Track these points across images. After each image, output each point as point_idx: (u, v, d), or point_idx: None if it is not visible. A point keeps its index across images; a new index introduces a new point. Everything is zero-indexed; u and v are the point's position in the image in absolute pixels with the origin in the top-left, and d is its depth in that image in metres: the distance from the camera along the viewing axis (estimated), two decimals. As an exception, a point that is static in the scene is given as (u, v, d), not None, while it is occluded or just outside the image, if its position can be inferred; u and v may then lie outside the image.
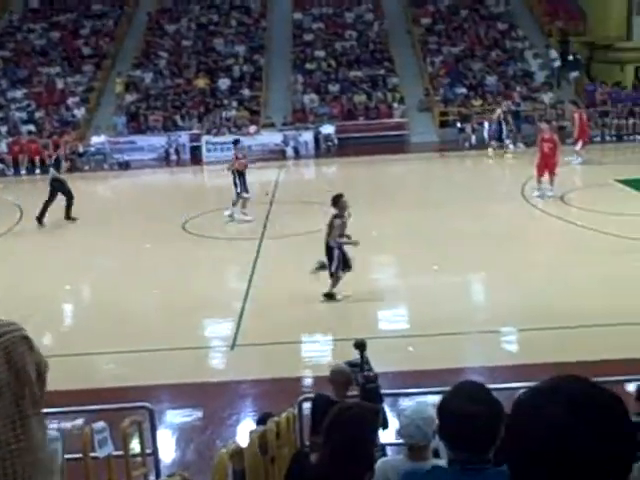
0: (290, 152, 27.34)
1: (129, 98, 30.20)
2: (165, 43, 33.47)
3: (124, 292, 12.64)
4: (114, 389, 8.63)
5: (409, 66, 31.84)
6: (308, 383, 8.82)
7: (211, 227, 17.05)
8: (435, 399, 3.64)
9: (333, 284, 11.44)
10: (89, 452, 5.37)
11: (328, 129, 28.09)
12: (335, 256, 11.29)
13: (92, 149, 27.25)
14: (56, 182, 18.14)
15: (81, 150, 27.13)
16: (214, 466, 4.25)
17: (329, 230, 11.35)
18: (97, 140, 27.44)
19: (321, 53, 32.48)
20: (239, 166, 17.34)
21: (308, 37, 33.56)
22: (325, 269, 11.42)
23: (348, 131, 28.52)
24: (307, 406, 6.27)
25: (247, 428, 6.69)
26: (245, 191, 17.34)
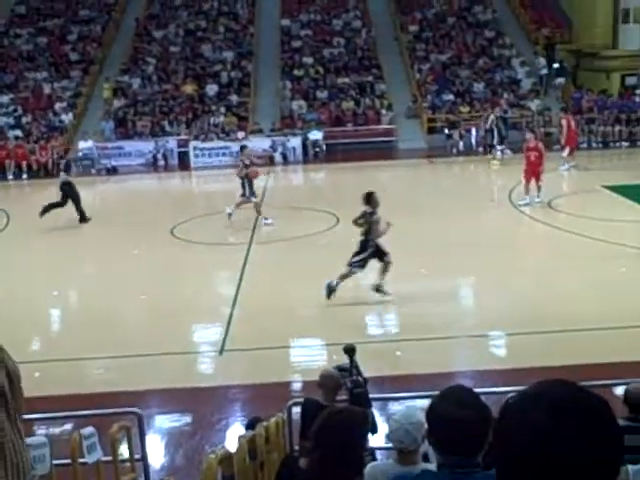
0: (278, 158, 27.37)
1: (117, 103, 30.15)
2: (153, 49, 33.44)
3: (112, 297, 12.59)
4: (103, 394, 8.59)
5: (397, 73, 31.95)
6: (297, 388, 8.82)
7: (199, 232, 17.02)
8: (424, 403, 3.66)
9: (345, 275, 11.44)
10: (78, 458, 5.36)
11: (316, 135, 28.15)
12: (367, 250, 11.30)
13: (79, 154, 27.18)
14: (66, 185, 18.40)
15: (68, 155, 27.10)
16: (203, 471, 4.25)
17: (368, 226, 11.35)
18: (84, 145, 27.37)
19: (309, 60, 32.54)
20: (252, 174, 17.09)
21: (296, 44, 33.63)
22: (333, 290, 11.41)
23: (336, 137, 28.58)
24: (296, 411, 6.27)
25: (236, 433, 6.68)
26: (253, 195, 17.20)
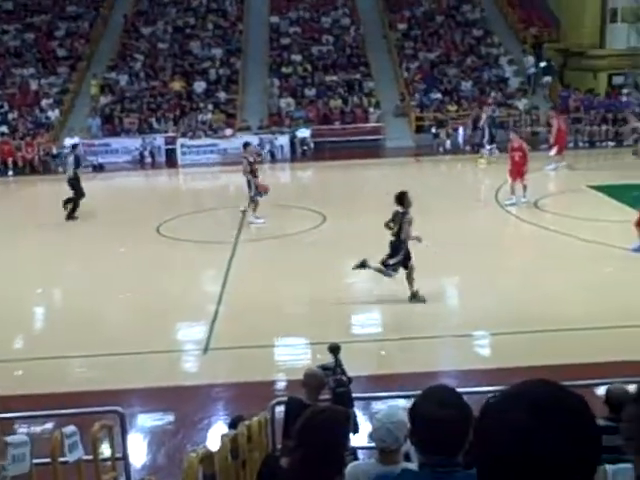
0: (266, 156, 27.32)
1: (104, 100, 30.01)
2: (141, 45, 33.31)
3: (96, 295, 12.52)
4: (85, 393, 8.54)
5: (385, 71, 31.96)
6: (281, 387, 8.79)
7: (186, 230, 16.96)
8: (407, 403, 3.64)
9: (379, 271, 11.36)
10: (58, 456, 5.31)
11: (304, 133, 28.13)
12: (401, 253, 11.21)
13: (66, 151, 27.00)
14: (73, 180, 18.66)
15: (55, 152, 26.95)
16: (184, 470, 4.22)
17: (399, 227, 11.18)
18: (71, 142, 27.18)
19: (297, 57, 32.51)
20: (261, 189, 16.93)
21: (285, 41, 33.58)
22: (365, 268, 11.34)
23: (324, 135, 28.57)
24: (280, 410, 6.24)
25: (219, 432, 6.65)
26: (258, 194, 17.12)
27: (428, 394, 2.85)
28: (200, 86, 30.90)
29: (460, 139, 27.50)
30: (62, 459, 5.36)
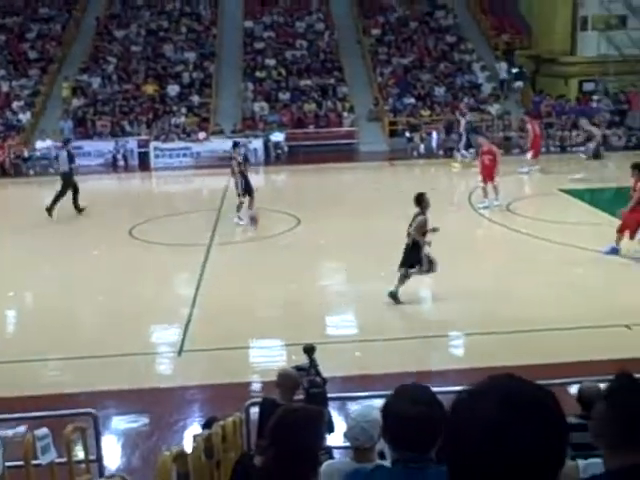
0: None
1: (76, 103, 29.79)
2: (114, 48, 33.11)
3: (69, 298, 12.43)
4: (59, 395, 8.48)
5: (359, 76, 32.07)
6: (256, 388, 8.79)
7: (159, 233, 16.89)
8: (382, 403, 3.67)
9: (401, 281, 11.34)
10: (31, 459, 5.27)
11: (278, 137, 28.12)
12: (422, 255, 11.25)
13: (37, 154, 26.80)
14: (68, 175, 18.95)
15: (26, 155, 26.70)
16: (157, 468, 4.22)
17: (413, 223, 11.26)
18: (42, 145, 26.99)
19: (271, 61, 32.51)
20: (253, 223, 16.75)
21: (259, 45, 33.57)
22: (396, 297, 11.32)
23: (298, 139, 28.58)
24: (255, 411, 6.24)
25: (194, 433, 6.63)
26: (243, 196, 17.08)
27: (401, 392, 2.88)
28: (173, 89, 30.79)
29: (434, 143, 27.67)
30: (35, 462, 5.33)
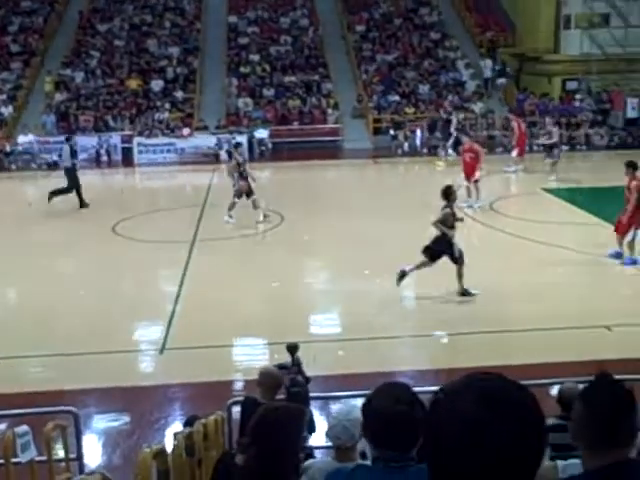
0: (224, 155, 27.04)
1: (59, 97, 29.59)
2: (97, 42, 32.92)
3: (51, 294, 12.34)
4: (39, 393, 8.41)
5: (343, 72, 32.07)
6: (238, 387, 8.77)
7: (142, 229, 16.82)
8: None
9: (460, 280, 11.41)
10: (11, 457, 5.23)
11: (262, 133, 28.09)
12: (455, 250, 11.31)
13: (19, 148, 26.61)
14: (71, 170, 19.04)
15: (8, 149, 26.51)
16: (137, 465, 4.20)
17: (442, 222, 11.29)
18: (25, 139, 26.80)
19: (256, 57, 32.44)
20: (242, 188, 16.84)
21: (243, 40, 33.48)
22: (404, 278, 11.38)
23: (282, 136, 28.57)
24: (237, 410, 6.23)
25: (175, 431, 6.61)
26: (237, 197, 16.98)
27: (382, 390, 2.89)
28: (157, 84, 30.66)
29: (418, 141, 27.74)
30: (15, 460, 5.29)
